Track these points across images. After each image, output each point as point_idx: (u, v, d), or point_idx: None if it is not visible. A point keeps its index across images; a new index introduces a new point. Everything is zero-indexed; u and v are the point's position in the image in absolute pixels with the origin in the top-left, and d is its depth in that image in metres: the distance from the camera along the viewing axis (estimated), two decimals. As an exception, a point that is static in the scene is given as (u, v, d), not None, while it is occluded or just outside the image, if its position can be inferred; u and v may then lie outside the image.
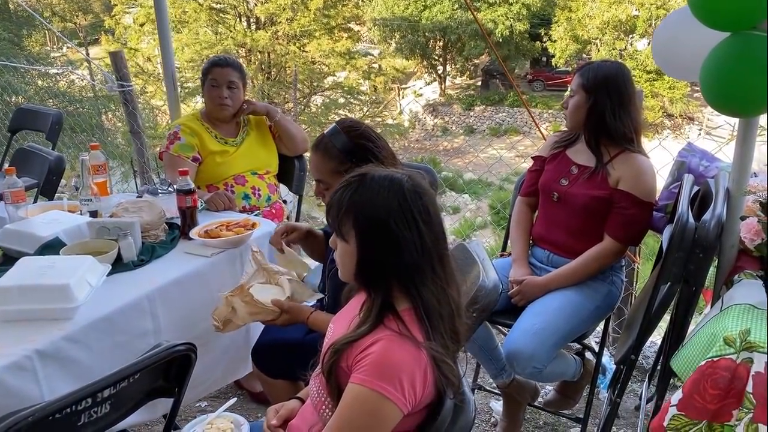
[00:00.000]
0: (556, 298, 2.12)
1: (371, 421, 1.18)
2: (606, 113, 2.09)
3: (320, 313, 1.82)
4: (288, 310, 1.80)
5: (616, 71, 2.10)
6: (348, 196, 1.27)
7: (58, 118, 3.73)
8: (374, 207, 1.24)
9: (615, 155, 2.13)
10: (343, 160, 1.81)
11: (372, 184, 1.26)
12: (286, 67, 21.49)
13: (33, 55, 13.50)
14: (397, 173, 1.28)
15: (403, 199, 1.24)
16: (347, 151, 1.81)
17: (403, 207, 1.23)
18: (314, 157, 1.87)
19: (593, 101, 2.10)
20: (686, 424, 1.42)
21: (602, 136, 2.13)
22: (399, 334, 1.21)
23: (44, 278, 1.67)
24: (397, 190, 1.24)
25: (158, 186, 2.58)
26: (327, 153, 1.84)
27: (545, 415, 2.60)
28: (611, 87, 2.08)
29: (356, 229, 1.26)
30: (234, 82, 2.70)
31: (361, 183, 1.27)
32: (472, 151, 21.23)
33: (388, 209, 1.23)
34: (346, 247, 1.29)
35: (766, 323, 1.40)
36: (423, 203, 1.25)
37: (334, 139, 1.83)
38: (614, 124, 2.09)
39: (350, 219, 1.26)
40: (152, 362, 1.36)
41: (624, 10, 21.41)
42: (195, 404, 2.67)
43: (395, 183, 1.25)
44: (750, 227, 1.61)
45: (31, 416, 1.15)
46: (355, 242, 1.26)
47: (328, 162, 1.83)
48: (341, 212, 1.27)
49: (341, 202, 1.27)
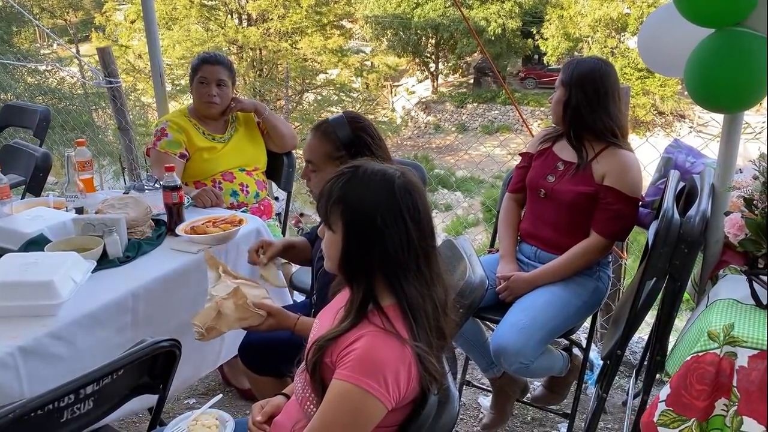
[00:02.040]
0: (543, 294, 2.12)
1: (355, 417, 1.18)
2: (581, 108, 2.11)
3: (307, 319, 1.79)
4: (275, 314, 1.72)
5: (592, 67, 2.12)
6: (339, 186, 1.27)
7: (45, 115, 3.71)
8: (363, 200, 1.25)
9: (600, 151, 2.14)
10: (338, 147, 1.82)
11: (364, 177, 1.27)
12: (277, 64, 21.43)
13: (22, 52, 13.41)
14: (391, 168, 1.29)
15: (392, 194, 1.24)
16: (345, 140, 1.82)
17: (392, 202, 1.24)
18: (311, 138, 1.88)
19: (568, 96, 2.13)
20: (675, 420, 1.43)
21: (583, 132, 2.15)
22: (383, 329, 1.21)
23: (28, 275, 1.66)
24: (387, 185, 1.25)
25: (144, 182, 2.57)
26: (325, 136, 1.85)
27: (533, 411, 2.61)
28: (586, 82, 2.09)
29: (343, 220, 1.26)
30: (223, 80, 2.69)
31: (354, 175, 1.28)
32: (464, 148, 21.26)
33: (376, 203, 1.24)
34: (332, 237, 1.30)
35: (766, 322, 1.41)
36: (413, 200, 1.25)
37: (336, 125, 1.84)
38: (591, 120, 2.11)
39: (339, 209, 1.26)
40: (136, 358, 1.36)
41: (615, 8, 21.46)
42: (183, 401, 2.67)
43: (387, 178, 1.26)
44: (734, 223, 1.62)
45: (12, 413, 1.14)
46: (342, 233, 1.27)
47: (323, 145, 1.84)
48: (331, 202, 1.28)
49: (332, 191, 1.28)
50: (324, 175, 1.84)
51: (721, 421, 1.40)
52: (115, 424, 2.39)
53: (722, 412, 1.40)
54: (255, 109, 2.79)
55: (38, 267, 1.70)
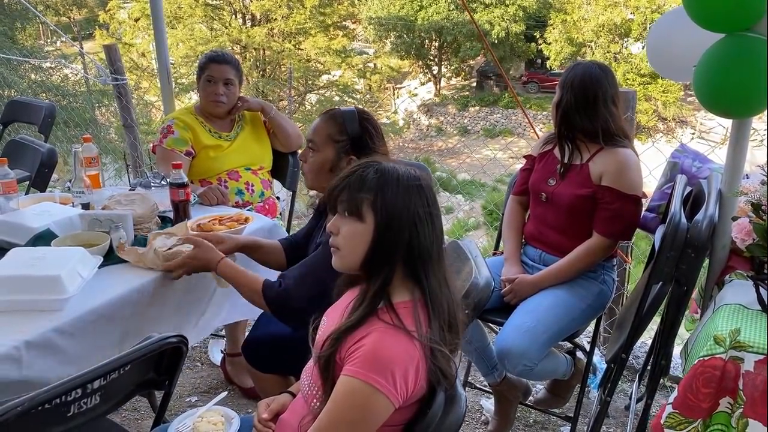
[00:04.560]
0: (548, 297, 2.13)
1: (362, 414, 1.18)
2: (570, 111, 2.13)
3: (236, 265, 1.85)
4: (200, 245, 1.84)
5: (584, 70, 2.13)
6: (369, 177, 1.28)
7: (50, 111, 3.71)
8: (397, 193, 1.26)
9: (595, 152, 2.15)
10: (342, 132, 1.85)
11: (393, 172, 1.28)
12: (281, 65, 21.46)
13: (26, 48, 13.39)
14: (410, 168, 1.32)
15: (421, 190, 1.28)
16: (351, 127, 1.85)
17: (422, 198, 1.27)
18: (318, 120, 1.91)
19: (559, 98, 2.16)
20: (681, 422, 1.44)
21: (576, 134, 2.16)
22: (393, 326, 1.21)
23: (35, 269, 1.66)
24: (416, 182, 1.28)
25: (151, 179, 2.57)
26: (332, 119, 1.88)
27: (535, 414, 2.60)
28: (576, 85, 2.11)
29: (376, 209, 1.26)
30: (230, 80, 2.69)
31: (380, 167, 1.29)
32: (467, 151, 21.26)
33: (410, 197, 1.26)
34: (359, 227, 1.28)
35: (766, 326, 1.41)
36: (434, 198, 1.30)
37: (345, 113, 1.88)
38: (579, 122, 2.13)
39: (370, 200, 1.27)
40: (143, 354, 1.35)
41: (619, 13, 21.48)
42: (185, 399, 2.67)
43: (412, 175, 1.29)
44: (741, 228, 1.62)
45: (20, 406, 1.14)
46: (374, 223, 1.27)
47: (328, 126, 1.87)
48: (361, 192, 1.27)
49: (364, 181, 1.28)
50: (321, 157, 1.86)
51: (725, 417, 1.41)
52: (118, 421, 2.40)
53: (726, 409, 1.41)
54: (261, 109, 2.80)
55: (45, 262, 1.70)
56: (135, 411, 2.54)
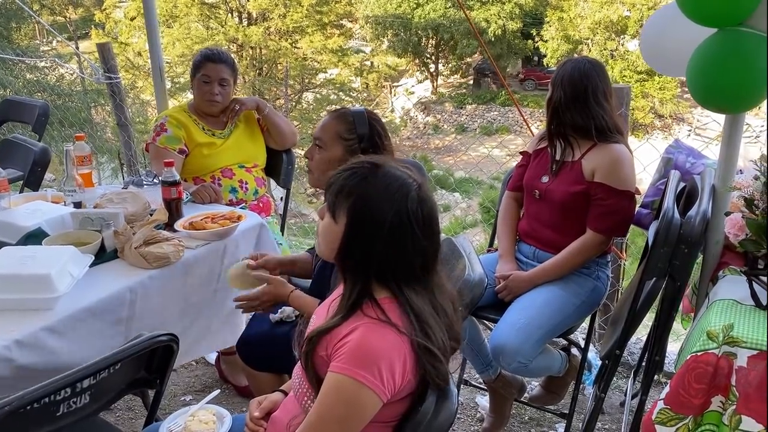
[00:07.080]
0: (542, 293, 2.12)
1: (350, 410, 1.17)
2: (561, 107, 2.13)
3: (303, 295, 1.83)
4: (272, 281, 1.83)
5: (573, 66, 2.13)
6: (355, 181, 1.26)
7: (44, 110, 3.69)
8: (374, 201, 1.23)
9: (588, 149, 2.14)
10: (351, 131, 1.87)
11: (382, 179, 1.25)
12: (277, 63, 21.42)
13: (22, 48, 13.36)
14: (411, 177, 1.27)
15: (404, 203, 1.23)
16: (360, 127, 1.87)
17: (402, 211, 1.22)
18: (326, 117, 1.93)
19: (550, 94, 2.17)
20: (672, 418, 1.43)
21: (568, 130, 2.16)
22: (378, 320, 1.21)
23: (25, 268, 1.65)
24: (402, 193, 1.23)
25: (143, 177, 2.56)
26: (342, 118, 1.89)
27: (530, 411, 2.60)
28: (565, 81, 2.11)
29: (349, 215, 1.25)
30: (226, 80, 2.66)
31: (372, 173, 1.26)
32: (463, 149, 21.24)
33: (386, 208, 1.22)
34: (333, 227, 1.28)
35: (766, 323, 1.40)
36: (424, 213, 1.25)
37: (354, 113, 1.90)
38: (569, 118, 2.12)
39: (347, 203, 1.25)
40: (133, 352, 1.35)
41: (615, 10, 21.49)
42: (179, 398, 2.66)
43: (404, 185, 1.24)
44: (734, 223, 1.62)
45: (8, 405, 1.13)
46: (344, 227, 1.26)
47: (338, 124, 1.88)
48: (342, 194, 1.26)
49: (345, 184, 1.26)
50: (328, 155, 1.86)
51: (717, 417, 1.41)
52: (112, 420, 2.40)
53: (718, 408, 1.41)
54: (256, 106, 2.78)
55: (36, 260, 1.69)
56: (129, 410, 2.53)
